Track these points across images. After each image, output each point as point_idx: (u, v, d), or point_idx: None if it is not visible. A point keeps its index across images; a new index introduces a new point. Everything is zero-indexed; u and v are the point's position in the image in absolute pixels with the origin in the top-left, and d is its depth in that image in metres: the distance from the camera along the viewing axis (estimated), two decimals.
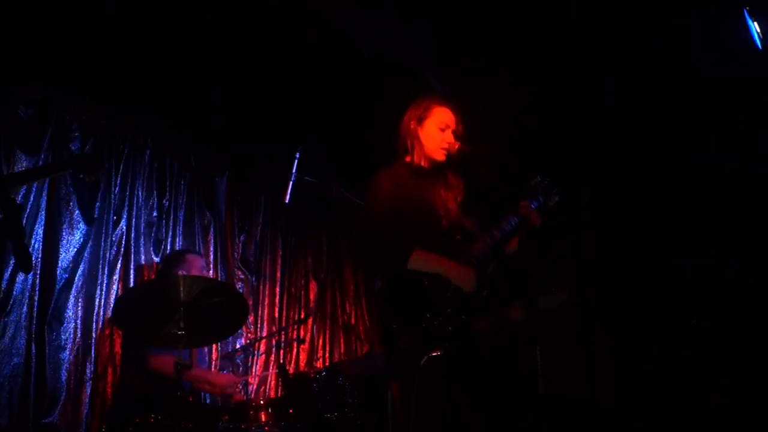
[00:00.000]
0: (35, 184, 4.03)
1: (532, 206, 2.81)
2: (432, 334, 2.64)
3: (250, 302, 5.07)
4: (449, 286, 2.71)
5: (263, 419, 3.54)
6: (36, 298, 3.92)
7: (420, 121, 3.01)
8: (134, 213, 4.55)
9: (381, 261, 2.84)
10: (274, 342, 5.16)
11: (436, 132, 2.97)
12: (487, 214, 2.92)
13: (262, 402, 3.67)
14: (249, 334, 5.09)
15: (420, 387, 2.52)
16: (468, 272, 2.75)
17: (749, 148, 4.36)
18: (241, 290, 4.96)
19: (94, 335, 4.14)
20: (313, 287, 5.71)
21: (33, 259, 3.92)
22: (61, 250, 4.12)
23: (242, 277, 5.20)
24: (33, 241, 3.97)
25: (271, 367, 5.12)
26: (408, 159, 3.02)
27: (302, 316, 5.50)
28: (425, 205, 2.88)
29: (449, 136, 2.97)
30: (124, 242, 4.46)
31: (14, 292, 3.83)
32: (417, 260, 2.74)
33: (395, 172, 2.99)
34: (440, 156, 2.96)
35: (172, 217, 4.79)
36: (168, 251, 4.64)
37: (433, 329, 2.65)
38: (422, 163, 2.98)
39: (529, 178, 2.86)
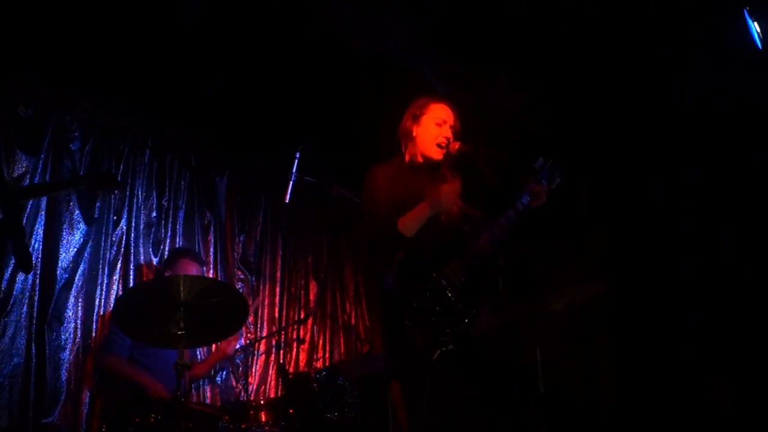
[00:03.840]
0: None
1: (542, 183, 2.78)
2: (443, 331, 2.62)
3: (250, 302, 5.06)
4: (458, 280, 2.69)
5: (263, 419, 3.54)
6: (36, 298, 3.91)
7: (416, 118, 3.01)
8: (134, 213, 4.55)
9: (383, 257, 2.81)
10: (274, 342, 5.16)
11: (432, 127, 2.96)
12: (487, 214, 2.91)
13: (262, 402, 3.67)
14: (249, 334, 5.09)
15: (431, 383, 2.50)
16: (441, 190, 2.76)
17: (749, 146, 4.37)
18: (241, 290, 4.96)
19: (94, 335, 4.14)
20: (313, 287, 5.71)
21: (33, 259, 3.91)
22: (61, 250, 4.12)
23: (242, 277, 5.19)
24: (33, 241, 3.97)
25: (271, 367, 5.12)
26: (404, 156, 3.02)
27: (302, 316, 5.50)
28: (421, 199, 2.84)
29: (446, 131, 2.96)
30: (124, 242, 4.46)
31: (14, 292, 3.83)
32: (405, 225, 2.74)
33: (390, 168, 2.99)
34: (435, 153, 2.94)
35: (171, 217, 4.79)
36: (167, 251, 4.64)
37: (444, 326, 2.63)
38: (417, 159, 2.98)
39: (532, 161, 2.82)
